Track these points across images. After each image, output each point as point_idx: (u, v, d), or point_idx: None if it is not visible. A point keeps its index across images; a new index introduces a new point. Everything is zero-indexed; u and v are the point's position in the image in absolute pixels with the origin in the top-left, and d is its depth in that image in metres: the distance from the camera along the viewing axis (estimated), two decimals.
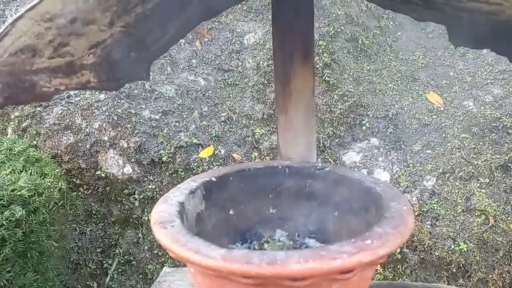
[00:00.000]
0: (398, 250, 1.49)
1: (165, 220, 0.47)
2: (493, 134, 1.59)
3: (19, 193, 1.13)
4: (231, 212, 0.60)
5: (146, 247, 1.61)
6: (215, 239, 0.47)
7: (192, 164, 1.60)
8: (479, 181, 1.53)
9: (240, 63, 1.83)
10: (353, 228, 0.53)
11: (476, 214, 1.49)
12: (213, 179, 0.59)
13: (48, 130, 1.58)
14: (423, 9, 0.47)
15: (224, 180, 0.60)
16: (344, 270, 0.36)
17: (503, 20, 0.41)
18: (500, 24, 0.42)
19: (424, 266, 1.47)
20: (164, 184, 1.59)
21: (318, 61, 1.75)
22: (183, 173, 1.59)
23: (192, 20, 0.60)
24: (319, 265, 0.35)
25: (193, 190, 0.56)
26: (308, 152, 0.63)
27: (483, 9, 0.40)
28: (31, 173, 1.23)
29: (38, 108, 1.62)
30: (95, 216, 1.60)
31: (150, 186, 1.57)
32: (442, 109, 1.73)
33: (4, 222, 1.07)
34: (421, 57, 1.90)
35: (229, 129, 1.71)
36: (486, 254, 1.45)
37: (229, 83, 1.80)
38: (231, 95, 1.77)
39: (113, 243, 1.61)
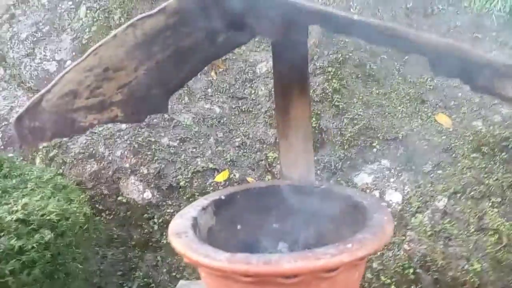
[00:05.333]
0: (412, 271, 1.49)
1: (180, 231, 0.54)
2: (503, 154, 1.59)
3: (48, 217, 1.19)
4: (238, 226, 0.67)
5: (164, 270, 1.66)
6: (224, 251, 0.54)
7: (208, 188, 1.67)
8: (491, 200, 1.53)
9: (253, 91, 1.92)
10: (346, 238, 0.59)
11: (489, 233, 1.49)
12: (222, 197, 0.66)
13: (73, 159, 1.69)
14: (403, 49, 0.55)
15: (232, 198, 0.67)
16: (328, 268, 0.42)
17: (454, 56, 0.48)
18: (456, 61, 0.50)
19: (438, 286, 1.47)
20: (182, 208, 1.65)
21: (328, 87, 1.82)
22: (200, 197, 1.66)
23: (204, 60, 0.70)
24: (306, 264, 0.42)
25: (204, 207, 0.63)
26: (307, 172, 0.70)
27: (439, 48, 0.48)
28: (58, 199, 1.29)
29: (64, 139, 1.74)
30: (116, 240, 1.67)
31: (168, 210, 1.65)
32: (451, 130, 1.74)
33: (34, 245, 1.14)
34: (429, 79, 1.92)
35: (243, 154, 1.78)
36: (501, 274, 1.44)
37: (243, 110, 1.88)
38: (244, 121, 1.85)
39: (133, 266, 1.67)
